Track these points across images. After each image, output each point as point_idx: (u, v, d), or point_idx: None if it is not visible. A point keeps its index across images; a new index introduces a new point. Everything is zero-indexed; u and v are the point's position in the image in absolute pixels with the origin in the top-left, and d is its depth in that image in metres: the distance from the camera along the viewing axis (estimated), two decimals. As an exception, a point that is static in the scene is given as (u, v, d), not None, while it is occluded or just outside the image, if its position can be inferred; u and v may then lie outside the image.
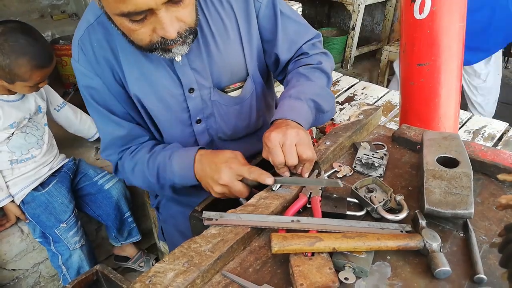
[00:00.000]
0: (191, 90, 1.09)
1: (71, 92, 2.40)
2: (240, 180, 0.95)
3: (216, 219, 0.84)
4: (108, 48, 1.03)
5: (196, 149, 1.04)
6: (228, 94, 1.15)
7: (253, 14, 1.10)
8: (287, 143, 0.90)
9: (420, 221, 0.81)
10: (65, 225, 1.66)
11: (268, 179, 0.91)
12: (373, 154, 1.05)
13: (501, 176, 0.76)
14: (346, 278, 0.74)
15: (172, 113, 1.11)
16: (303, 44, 1.18)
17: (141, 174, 1.12)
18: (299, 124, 0.97)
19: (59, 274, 1.78)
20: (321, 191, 0.94)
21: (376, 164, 1.02)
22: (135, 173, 1.13)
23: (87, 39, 1.03)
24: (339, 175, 1.03)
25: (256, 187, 1.12)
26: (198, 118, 1.14)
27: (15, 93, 1.59)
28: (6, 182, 1.63)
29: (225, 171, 0.94)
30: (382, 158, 1.05)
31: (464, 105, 2.36)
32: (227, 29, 1.08)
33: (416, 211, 0.84)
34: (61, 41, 2.74)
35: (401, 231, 0.82)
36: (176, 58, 1.02)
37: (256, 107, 1.22)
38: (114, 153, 1.16)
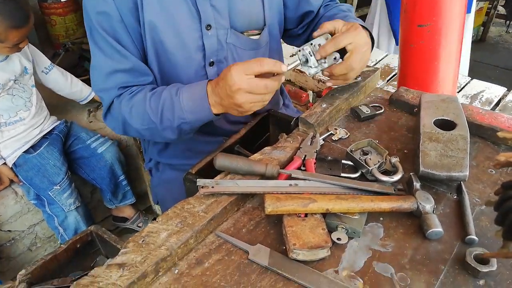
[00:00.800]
0: (208, 26, 1.06)
1: (61, 53, 2.33)
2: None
3: (212, 187, 0.82)
4: None
5: (205, 82, 0.98)
6: (248, 36, 1.14)
7: None
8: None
9: (414, 183, 0.81)
10: (58, 187, 1.65)
11: (283, 66, 0.88)
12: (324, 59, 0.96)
13: (501, 134, 0.74)
14: (338, 239, 0.75)
15: (187, 50, 1.07)
16: None
17: (141, 115, 1.03)
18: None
19: (56, 234, 1.80)
20: (315, 153, 0.93)
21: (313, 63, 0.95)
22: (133, 114, 1.04)
23: None
24: (334, 137, 1.01)
25: (251, 151, 1.12)
26: (211, 60, 1.11)
27: None
28: None
29: (238, 96, 0.88)
30: (325, 60, 0.96)
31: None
32: None
33: (411, 173, 0.83)
34: (49, -1, 2.63)
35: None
36: None
37: None
38: (113, 86, 1.05)
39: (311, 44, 0.97)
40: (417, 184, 0.81)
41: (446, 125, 0.90)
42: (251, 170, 0.86)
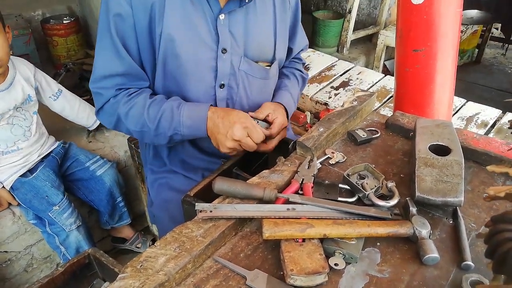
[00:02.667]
0: (224, 50, 1.11)
1: (62, 73, 2.36)
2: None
3: (210, 211, 0.83)
4: None
5: (207, 105, 1.09)
6: (260, 64, 1.20)
7: (288, 5, 1.21)
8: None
9: (410, 208, 0.82)
10: (58, 207, 1.65)
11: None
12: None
13: (490, 168, 0.76)
14: (336, 264, 0.75)
15: (200, 68, 1.11)
16: (301, 50, 1.40)
17: (137, 118, 1.09)
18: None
19: (58, 254, 1.78)
20: (313, 177, 0.94)
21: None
22: (129, 116, 1.10)
23: None
24: (332, 161, 1.03)
25: (247, 172, 1.13)
26: (222, 82, 1.15)
27: (0, 83, 1.55)
28: None
29: (238, 127, 1.04)
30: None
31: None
32: (267, 9, 1.15)
33: (407, 198, 0.84)
34: (52, 20, 2.68)
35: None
36: (220, 16, 1.07)
37: (272, 92, 1.30)
38: (110, 87, 1.10)
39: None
40: (413, 209, 0.81)
41: (441, 150, 0.92)
42: (249, 194, 0.86)
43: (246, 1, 1.07)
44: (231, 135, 1.05)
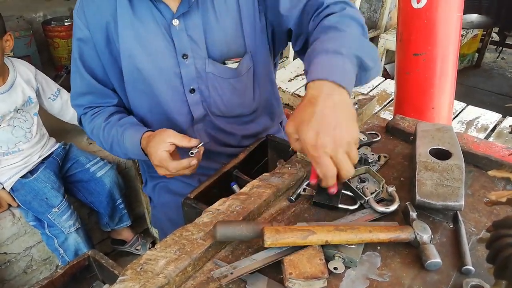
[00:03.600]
0: (185, 56, 1.10)
1: (63, 75, 2.36)
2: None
3: (231, 273, 0.73)
4: (110, 2, 1.06)
5: (140, 135, 1.09)
6: (226, 65, 1.14)
7: None
8: (340, 151, 0.70)
9: (410, 213, 0.82)
10: (57, 210, 1.65)
11: (192, 141, 1.03)
12: (372, 155, 1.03)
13: (491, 173, 0.76)
14: (335, 268, 0.75)
15: (165, 77, 1.12)
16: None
17: (97, 139, 1.21)
18: (345, 89, 0.75)
19: (56, 256, 1.78)
20: None
21: (370, 160, 1.01)
22: (94, 135, 1.22)
23: None
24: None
25: (249, 175, 1.13)
26: (191, 87, 1.14)
27: (0, 85, 1.55)
28: None
29: (156, 154, 1.02)
30: (379, 158, 1.03)
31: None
32: (227, 4, 1.08)
33: (407, 203, 0.84)
34: (53, 22, 2.68)
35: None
36: (173, 22, 1.05)
37: (252, 86, 1.21)
38: (80, 106, 1.23)
39: None
40: (413, 214, 0.81)
41: (442, 154, 0.92)
42: (257, 233, 0.77)
43: (192, 0, 1.03)
44: (153, 162, 1.05)
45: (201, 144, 1.04)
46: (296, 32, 1.06)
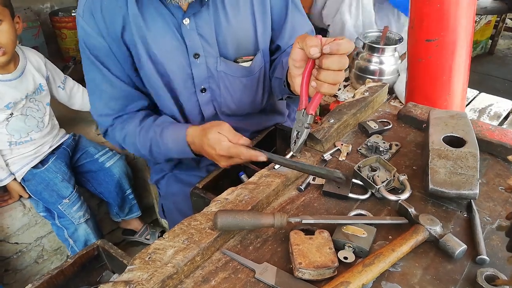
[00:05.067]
0: (196, 55, 1.08)
1: (71, 66, 2.36)
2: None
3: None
4: (119, 4, 1.01)
5: (184, 131, 1.05)
6: (239, 64, 1.13)
7: None
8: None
9: (408, 209, 0.79)
10: (67, 200, 1.66)
11: (261, 156, 0.93)
12: (384, 143, 1.00)
13: (511, 157, 0.73)
14: (345, 258, 0.74)
15: (177, 78, 1.10)
16: None
17: (133, 145, 1.15)
18: None
19: (66, 246, 1.80)
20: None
21: (381, 149, 0.99)
22: (126, 142, 1.17)
23: None
24: (340, 158, 1.00)
25: (257, 164, 1.11)
26: (202, 86, 1.13)
27: (11, 71, 1.55)
28: (5, 161, 1.62)
29: (221, 146, 0.96)
30: (390, 147, 1.01)
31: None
32: (239, 3, 1.07)
33: (399, 201, 0.82)
34: (60, 13, 2.68)
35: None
36: (184, 21, 1.03)
37: (263, 85, 1.21)
38: (107, 117, 1.17)
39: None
40: (410, 210, 0.79)
41: (456, 142, 0.89)
42: (258, 223, 0.76)
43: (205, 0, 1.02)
44: (218, 160, 1.00)
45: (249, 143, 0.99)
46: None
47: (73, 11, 2.69)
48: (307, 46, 0.80)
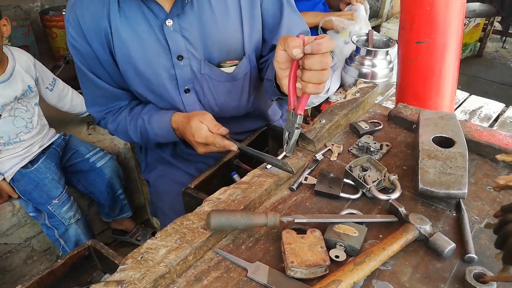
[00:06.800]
0: (180, 57, 1.07)
1: (61, 65, 2.34)
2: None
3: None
4: (103, 8, 1.02)
5: (169, 118, 1.11)
6: (222, 69, 1.12)
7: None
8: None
9: (398, 209, 0.80)
10: (57, 201, 1.65)
11: (233, 147, 1.02)
12: (375, 143, 1.02)
13: (499, 157, 0.75)
14: (337, 256, 0.74)
15: (160, 78, 1.11)
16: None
17: (125, 133, 1.22)
18: None
19: (57, 246, 1.78)
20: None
21: (372, 149, 1.00)
22: (119, 131, 1.23)
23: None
24: (332, 158, 1.01)
25: (247, 164, 1.12)
26: (186, 87, 1.14)
27: (0, 74, 1.53)
28: None
29: (200, 133, 1.03)
30: (381, 147, 1.02)
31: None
32: (228, 6, 1.05)
33: (390, 201, 0.83)
34: (50, 12, 2.66)
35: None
36: (166, 22, 1.02)
37: (248, 90, 1.20)
38: (98, 111, 1.23)
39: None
40: (401, 209, 0.80)
41: (445, 142, 0.91)
42: (251, 223, 0.76)
43: (186, 1, 1.00)
44: (196, 146, 1.07)
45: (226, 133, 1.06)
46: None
47: (64, 10, 2.67)
48: (289, 47, 0.79)
